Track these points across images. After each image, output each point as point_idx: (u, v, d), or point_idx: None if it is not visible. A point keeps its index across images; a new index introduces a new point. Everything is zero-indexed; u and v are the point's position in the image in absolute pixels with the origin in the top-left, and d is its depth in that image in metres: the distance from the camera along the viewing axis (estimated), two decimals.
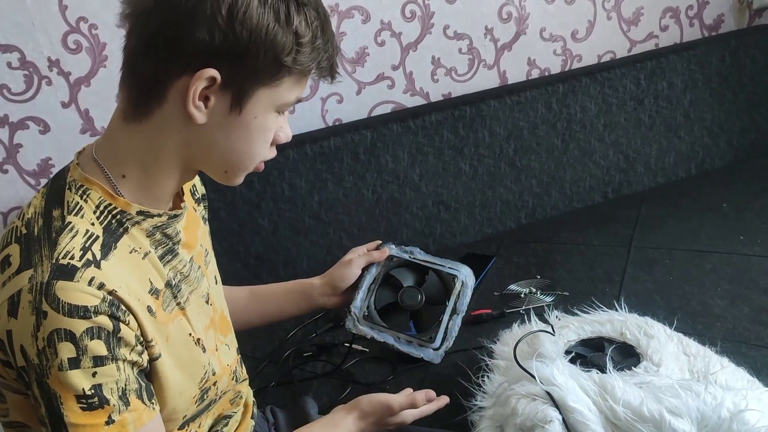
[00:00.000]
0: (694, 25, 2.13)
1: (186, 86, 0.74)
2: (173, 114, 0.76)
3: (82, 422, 0.70)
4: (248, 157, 0.82)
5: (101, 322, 0.70)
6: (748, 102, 2.05)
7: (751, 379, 1.07)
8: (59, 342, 0.68)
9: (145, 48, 0.74)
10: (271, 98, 0.79)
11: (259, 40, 0.73)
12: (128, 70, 0.77)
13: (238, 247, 1.67)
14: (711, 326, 1.28)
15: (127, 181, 0.79)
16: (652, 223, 1.74)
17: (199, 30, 0.72)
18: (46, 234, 0.73)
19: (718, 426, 0.85)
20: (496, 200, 1.86)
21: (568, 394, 0.87)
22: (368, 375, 1.32)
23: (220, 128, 0.78)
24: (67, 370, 0.69)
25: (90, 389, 0.70)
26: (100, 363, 0.70)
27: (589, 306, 1.33)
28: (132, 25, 0.75)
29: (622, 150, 1.95)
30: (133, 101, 0.77)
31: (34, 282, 0.70)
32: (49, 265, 0.71)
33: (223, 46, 0.72)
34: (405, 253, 1.17)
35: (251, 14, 0.73)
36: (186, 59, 0.73)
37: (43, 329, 0.68)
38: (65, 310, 0.69)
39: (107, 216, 0.77)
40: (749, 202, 1.75)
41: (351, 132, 1.71)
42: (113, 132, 0.80)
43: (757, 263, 1.47)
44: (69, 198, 0.76)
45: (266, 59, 0.75)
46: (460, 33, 1.87)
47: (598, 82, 1.88)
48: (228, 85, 0.75)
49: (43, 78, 1.55)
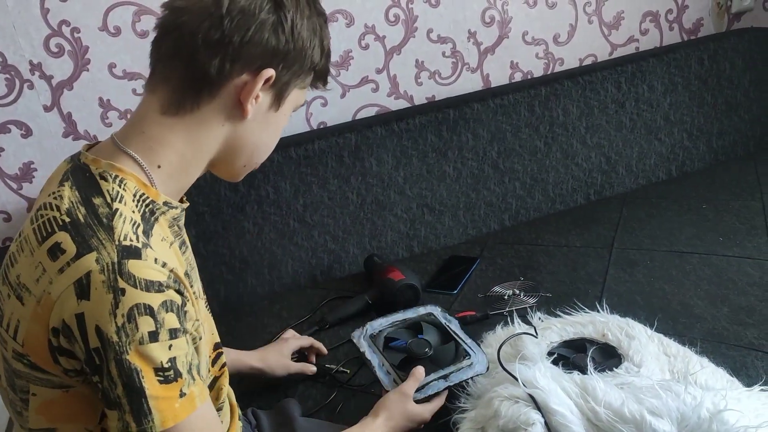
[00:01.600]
0: (673, 29, 2.15)
1: (244, 83, 0.82)
2: (221, 108, 0.83)
3: (162, 395, 0.73)
4: (267, 151, 0.92)
5: (172, 296, 0.74)
6: (727, 105, 2.08)
7: (731, 379, 1.09)
8: (139, 316, 0.71)
9: (214, 46, 0.80)
10: (297, 99, 0.90)
11: (305, 48, 0.85)
12: (181, 66, 0.81)
13: (222, 250, 1.67)
14: (691, 327, 1.30)
15: (162, 172, 0.83)
16: (633, 225, 1.76)
17: (270, 35, 0.82)
18: (95, 220, 0.75)
19: (698, 426, 0.86)
20: (480, 202, 1.87)
21: (551, 396, 0.88)
22: (354, 378, 1.33)
23: (259, 123, 0.87)
24: (148, 344, 0.71)
25: (167, 362, 0.73)
26: (174, 336, 0.74)
27: (571, 307, 1.34)
28: (188, 23, 0.80)
29: (603, 152, 1.97)
30: (178, 95, 0.82)
31: (104, 263, 0.71)
32: (113, 246, 0.73)
33: (285, 49, 0.83)
34: (444, 319, 1.24)
35: (304, 25, 0.85)
36: (252, 59, 0.82)
37: (122, 306, 0.70)
38: (142, 286, 0.72)
39: (142, 205, 0.80)
40: (728, 204, 1.78)
41: (335, 135, 1.72)
42: (148, 125, 0.83)
43: (735, 264, 1.49)
44: (108, 187, 0.78)
45: (306, 64, 0.87)
46: (444, 36, 1.88)
47: (580, 85, 1.90)
48: (274, 85, 0.85)
49: (25, 81, 1.54)
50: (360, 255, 1.77)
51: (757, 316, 1.30)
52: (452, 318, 1.24)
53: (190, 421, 0.76)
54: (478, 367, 1.13)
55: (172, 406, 0.74)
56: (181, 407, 0.75)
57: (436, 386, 1.11)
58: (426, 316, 1.25)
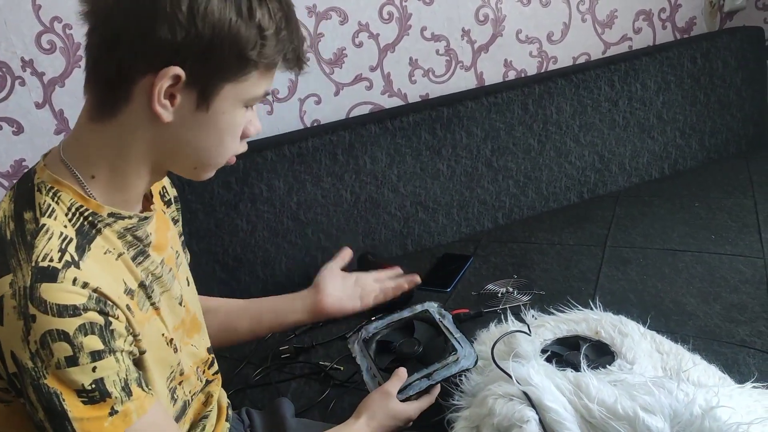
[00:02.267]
0: (666, 28, 2.16)
1: (151, 85, 0.73)
2: (139, 113, 0.75)
3: (87, 415, 0.70)
4: (218, 153, 0.81)
5: (92, 318, 0.70)
6: (720, 103, 2.09)
7: (723, 376, 1.10)
8: (53, 342, 0.68)
9: (108, 47, 0.73)
10: (239, 93, 0.77)
11: (222, 36, 0.72)
12: (92, 69, 0.75)
13: (216, 249, 1.67)
14: (683, 324, 1.31)
15: (97, 182, 0.78)
16: (626, 223, 1.76)
17: (160, 27, 0.70)
18: (20, 237, 0.72)
19: (690, 423, 0.86)
20: (474, 200, 1.88)
21: (545, 393, 0.88)
22: (345, 376, 1.32)
23: (188, 126, 0.77)
24: (65, 368, 0.69)
25: (90, 384, 0.70)
26: (98, 357, 0.70)
27: (564, 305, 1.34)
28: (93, 23, 0.74)
29: (597, 151, 1.98)
30: (98, 101, 0.76)
31: (16, 287, 0.69)
32: (29, 268, 0.69)
33: (186, 42, 0.71)
34: (438, 315, 1.22)
35: (212, 9, 0.71)
36: (149, 58, 0.72)
37: (34, 333, 0.68)
38: (54, 311, 0.68)
39: (79, 218, 0.76)
40: (720, 202, 1.79)
41: (329, 133, 1.71)
42: (80, 132, 0.78)
43: (728, 261, 1.50)
44: (40, 200, 0.75)
45: (231, 54, 0.74)
46: (438, 34, 1.88)
47: (574, 83, 1.91)
48: (193, 83, 0.74)
49: (16, 78, 1.53)
50: (354, 253, 1.76)
51: (748, 313, 1.31)
52: (447, 313, 1.23)
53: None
54: (464, 362, 1.11)
55: (100, 426, 0.71)
56: (112, 425, 0.72)
57: (418, 386, 1.09)
58: (422, 314, 1.24)
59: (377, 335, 1.21)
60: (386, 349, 1.19)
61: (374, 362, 1.16)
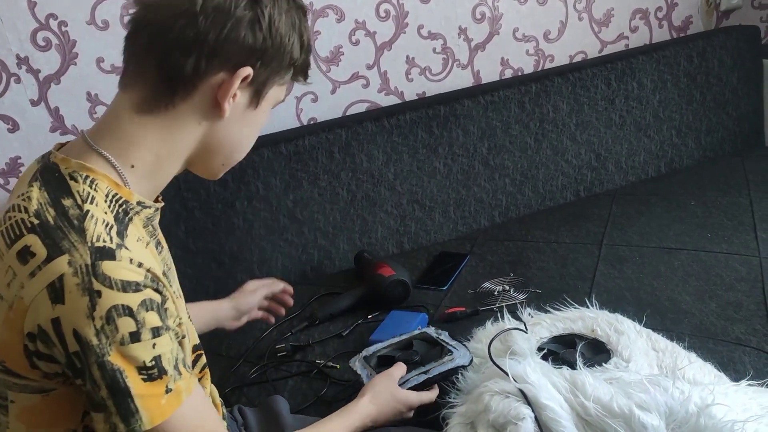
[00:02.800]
0: (663, 27, 2.16)
1: (221, 82, 0.80)
2: (197, 107, 0.81)
3: (147, 392, 0.72)
4: (246, 149, 0.90)
5: (151, 295, 0.73)
6: (716, 102, 2.09)
7: (718, 374, 1.10)
8: (119, 318, 0.70)
9: (189, 44, 0.78)
10: (277, 96, 0.88)
11: (285, 43, 0.83)
12: (154, 64, 0.79)
13: (212, 246, 1.66)
14: (679, 322, 1.31)
15: (135, 171, 0.81)
16: (622, 221, 1.77)
17: (245, 32, 0.79)
18: (66, 222, 0.73)
19: (685, 420, 0.87)
20: (470, 199, 1.88)
21: (541, 391, 0.88)
22: (342, 374, 1.32)
23: (237, 122, 0.85)
24: (130, 344, 0.70)
25: (151, 360, 0.72)
26: (157, 334, 0.73)
27: (561, 303, 1.35)
28: (161, 19, 0.78)
29: (593, 149, 1.98)
30: (152, 93, 0.80)
31: (76, 265, 0.70)
32: (86, 248, 0.71)
33: (262, 47, 0.81)
34: (435, 333, 1.25)
35: (282, 20, 0.82)
36: (228, 57, 0.79)
37: (99, 308, 0.69)
38: (119, 286, 0.70)
39: (115, 205, 0.78)
40: (716, 200, 1.79)
41: (326, 131, 1.71)
42: (121, 123, 0.81)
43: (723, 260, 1.50)
44: (78, 188, 0.76)
45: (285, 60, 0.84)
46: (434, 33, 1.88)
47: (570, 82, 1.91)
48: (252, 83, 0.83)
49: (11, 75, 1.52)
50: (350, 251, 1.77)
51: (744, 311, 1.31)
52: (443, 331, 1.27)
53: (177, 415, 0.75)
54: (459, 360, 1.14)
55: (158, 404, 0.73)
56: (168, 403, 0.74)
57: (415, 380, 1.12)
58: (419, 336, 1.27)
59: (378, 353, 1.24)
60: (387, 363, 1.21)
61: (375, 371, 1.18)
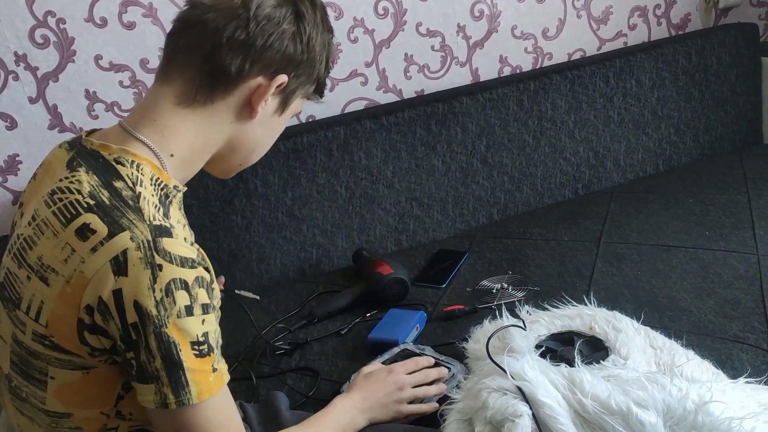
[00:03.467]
0: (661, 24, 2.16)
1: (257, 85, 0.87)
2: (232, 106, 0.87)
3: (198, 368, 0.76)
4: (263, 152, 0.97)
5: (203, 273, 0.78)
6: (714, 100, 2.09)
7: (716, 372, 1.10)
8: (176, 291, 0.74)
9: (238, 46, 0.84)
10: (296, 108, 0.95)
11: (314, 59, 0.91)
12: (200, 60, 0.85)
13: (210, 244, 1.66)
14: (677, 320, 1.31)
15: (174, 160, 0.86)
16: (620, 219, 1.77)
17: (289, 42, 0.87)
18: (121, 202, 0.78)
19: (683, 418, 0.87)
20: (469, 196, 1.88)
21: (539, 388, 0.88)
22: (341, 372, 1.33)
23: (263, 125, 0.92)
24: (185, 317, 0.75)
25: (202, 336, 0.76)
26: (206, 311, 0.77)
27: (559, 301, 1.35)
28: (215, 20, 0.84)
29: (591, 147, 1.98)
30: (194, 87, 0.85)
31: (138, 240, 0.74)
32: (145, 225, 0.76)
33: (299, 58, 0.88)
34: (418, 349, 1.28)
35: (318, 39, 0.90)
36: (269, 63, 0.87)
37: (160, 280, 0.73)
38: (178, 262, 0.75)
39: (158, 189, 0.83)
40: (714, 198, 1.79)
41: (324, 129, 1.71)
42: (160, 114, 0.86)
43: (721, 257, 1.50)
44: (126, 172, 0.81)
45: (313, 74, 0.92)
46: (433, 30, 1.88)
47: (569, 79, 1.91)
48: (283, 91, 0.90)
49: (9, 73, 1.52)
50: (349, 249, 1.77)
51: (742, 309, 1.31)
52: (425, 346, 1.30)
53: (220, 396, 0.79)
54: (459, 375, 1.19)
55: (206, 380, 0.77)
56: (215, 381, 0.78)
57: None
58: (401, 353, 1.28)
59: None
60: None
61: None
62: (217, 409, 0.79)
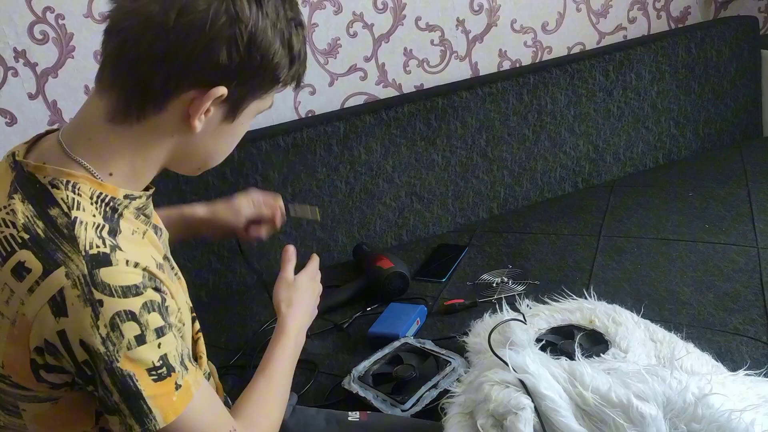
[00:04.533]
0: (661, 18, 2.16)
1: (191, 99, 0.76)
2: (169, 121, 0.78)
3: (159, 392, 0.74)
4: (222, 156, 0.87)
5: (151, 296, 0.74)
6: (714, 93, 2.09)
7: (716, 364, 1.11)
8: (122, 323, 0.71)
9: (157, 60, 0.73)
10: (259, 107, 0.84)
11: (267, 62, 0.78)
12: (124, 73, 0.76)
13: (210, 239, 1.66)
14: (677, 313, 1.31)
15: (114, 178, 0.80)
16: (620, 213, 1.77)
17: (220, 52, 0.74)
18: (56, 233, 0.72)
19: (683, 410, 0.87)
20: (469, 191, 1.88)
21: (540, 381, 0.88)
22: (341, 366, 1.33)
23: (211, 135, 0.82)
24: (136, 348, 0.71)
25: (158, 360, 0.73)
26: (161, 333, 0.74)
27: (559, 294, 1.35)
28: (133, 28, 0.73)
29: (591, 140, 1.98)
30: (123, 105, 0.76)
31: (74, 276, 0.70)
32: (80, 257, 0.71)
33: (238, 67, 0.76)
34: (418, 343, 1.29)
35: (266, 39, 0.76)
36: (200, 76, 0.75)
37: (103, 317, 0.70)
38: (119, 293, 0.71)
39: (101, 204, 0.77)
40: (714, 191, 1.79)
41: (324, 124, 1.71)
42: (95, 133, 0.78)
43: (721, 251, 1.50)
44: (61, 195, 0.75)
45: (267, 77, 0.80)
46: (432, 24, 1.88)
47: (568, 73, 1.91)
48: (228, 99, 0.78)
49: (9, 69, 1.52)
50: (349, 244, 1.77)
51: (741, 301, 1.32)
52: (425, 339, 1.30)
53: (190, 409, 0.77)
54: (460, 369, 1.20)
55: (170, 401, 0.75)
56: (179, 399, 0.76)
57: (429, 396, 1.16)
58: (402, 347, 1.29)
59: (370, 371, 1.25)
60: (384, 380, 1.22)
61: (378, 390, 1.20)
62: (194, 421, 0.77)
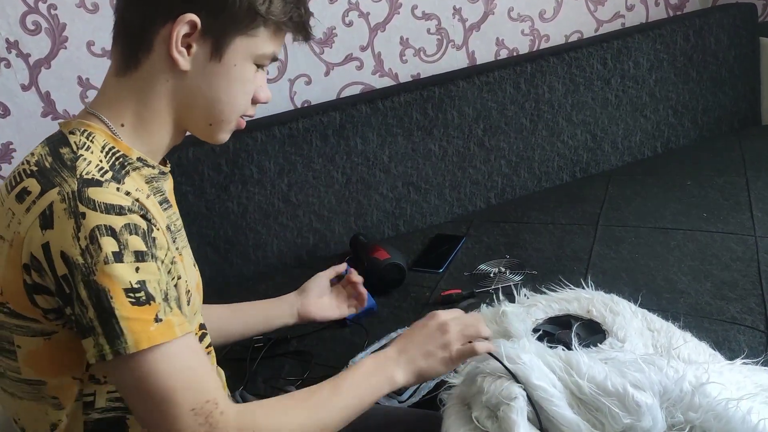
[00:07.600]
0: (659, 5, 2.15)
1: (169, 33, 0.80)
2: (159, 63, 0.83)
3: (134, 316, 0.73)
4: (230, 108, 0.87)
5: (136, 221, 0.75)
6: (712, 81, 2.08)
7: (713, 353, 1.10)
8: (101, 237, 0.72)
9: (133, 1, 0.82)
10: (249, 48, 0.85)
11: None
12: (118, 24, 0.84)
13: (207, 231, 1.66)
14: (674, 302, 1.31)
15: (126, 130, 0.84)
16: (618, 202, 1.76)
17: None
18: (60, 164, 0.77)
19: (680, 399, 0.87)
20: (466, 181, 1.87)
21: (533, 371, 0.88)
22: (338, 358, 1.32)
23: (203, 76, 0.84)
24: (113, 263, 0.72)
25: (136, 283, 0.74)
26: (141, 258, 0.74)
27: (556, 284, 1.34)
28: None
29: (589, 129, 1.97)
30: (123, 54, 0.84)
31: (65, 193, 0.74)
32: (74, 179, 0.75)
33: None
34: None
35: None
36: (169, 6, 0.80)
37: (84, 228, 0.72)
38: (102, 209, 0.73)
39: (111, 157, 0.81)
40: (712, 180, 1.79)
41: (320, 114, 1.70)
42: (107, 88, 0.86)
43: (719, 239, 1.50)
44: (75, 139, 0.81)
45: (242, 7, 0.82)
46: (429, 13, 1.86)
47: (566, 62, 1.90)
48: (208, 33, 0.82)
49: (1, 60, 1.51)
50: (346, 234, 1.76)
51: (739, 290, 1.31)
52: None
53: (166, 351, 0.74)
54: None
55: (146, 329, 0.73)
56: (158, 332, 0.74)
57: (426, 387, 1.15)
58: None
59: None
60: None
61: None
62: (172, 362, 0.74)
